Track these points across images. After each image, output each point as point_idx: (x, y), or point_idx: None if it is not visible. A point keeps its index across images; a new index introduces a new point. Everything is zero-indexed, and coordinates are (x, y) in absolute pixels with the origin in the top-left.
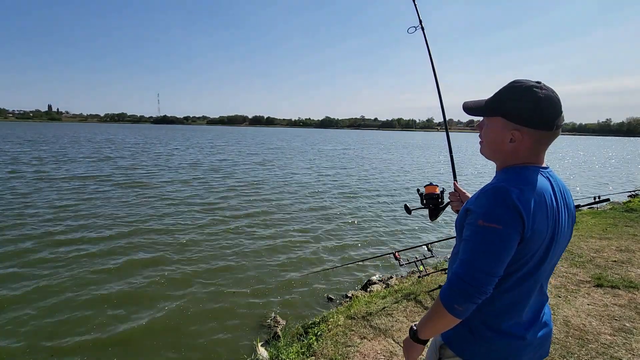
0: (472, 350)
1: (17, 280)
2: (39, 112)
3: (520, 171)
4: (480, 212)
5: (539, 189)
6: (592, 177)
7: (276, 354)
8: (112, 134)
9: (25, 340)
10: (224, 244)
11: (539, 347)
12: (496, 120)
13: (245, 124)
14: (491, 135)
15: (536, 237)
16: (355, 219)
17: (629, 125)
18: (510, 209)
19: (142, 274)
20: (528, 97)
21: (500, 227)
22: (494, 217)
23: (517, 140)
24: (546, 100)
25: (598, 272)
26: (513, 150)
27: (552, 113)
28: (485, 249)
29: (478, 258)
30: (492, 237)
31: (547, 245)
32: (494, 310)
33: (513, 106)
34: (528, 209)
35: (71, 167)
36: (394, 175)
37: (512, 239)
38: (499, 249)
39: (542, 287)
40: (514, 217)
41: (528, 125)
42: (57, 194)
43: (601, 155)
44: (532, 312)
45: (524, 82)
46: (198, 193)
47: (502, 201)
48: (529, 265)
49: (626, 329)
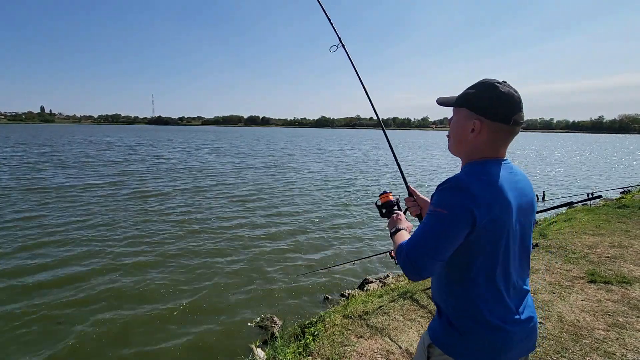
0: (458, 346)
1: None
2: (32, 113)
3: (480, 165)
4: (434, 199)
5: (496, 180)
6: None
7: (273, 354)
8: (116, 136)
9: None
10: (221, 245)
11: (525, 340)
12: (461, 111)
13: (240, 124)
14: (455, 126)
15: (494, 227)
16: (350, 219)
17: (621, 122)
18: (459, 196)
19: (139, 274)
20: (490, 91)
21: (445, 212)
22: (443, 203)
23: (477, 129)
24: (506, 96)
25: (591, 268)
26: (474, 141)
27: (510, 108)
28: (429, 230)
29: (421, 238)
30: (436, 221)
31: (509, 235)
32: (472, 304)
33: (477, 98)
34: (481, 198)
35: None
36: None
37: (457, 224)
38: (440, 232)
39: (520, 278)
40: (462, 205)
41: (487, 116)
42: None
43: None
44: (512, 304)
45: (490, 79)
46: (195, 197)
47: (454, 189)
48: (493, 255)
49: (619, 324)
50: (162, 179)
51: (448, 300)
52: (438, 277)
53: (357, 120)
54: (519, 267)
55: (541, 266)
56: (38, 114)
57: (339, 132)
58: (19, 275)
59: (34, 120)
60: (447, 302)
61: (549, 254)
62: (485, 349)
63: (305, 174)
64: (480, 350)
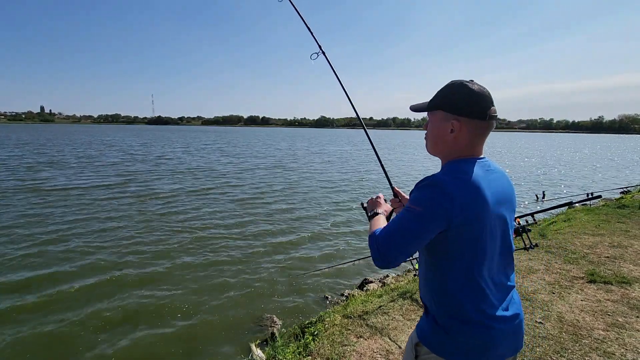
0: (445, 345)
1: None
2: (32, 113)
3: (459, 163)
4: (412, 196)
5: (474, 179)
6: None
7: (273, 354)
8: (117, 136)
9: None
10: (221, 245)
11: (511, 336)
12: (437, 114)
13: (240, 124)
14: (433, 129)
15: (472, 225)
16: (350, 218)
17: (621, 123)
18: (434, 195)
19: (140, 273)
20: (462, 90)
21: (419, 209)
22: (418, 201)
23: (457, 129)
24: (478, 93)
25: (591, 268)
26: (454, 141)
27: (484, 104)
28: (401, 225)
29: (393, 232)
30: (409, 217)
31: (488, 232)
32: (456, 303)
33: (450, 99)
34: (458, 197)
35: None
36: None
37: (430, 222)
38: (412, 228)
39: (503, 275)
40: (437, 203)
41: (464, 115)
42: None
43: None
44: (496, 301)
45: (459, 80)
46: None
47: (430, 188)
48: (473, 253)
49: (619, 324)
50: (163, 179)
51: (433, 299)
52: (424, 276)
53: (357, 120)
54: (500, 263)
55: (541, 266)
56: (38, 113)
57: (339, 132)
58: (27, 280)
59: (34, 120)
60: (432, 301)
61: (549, 254)
62: (471, 346)
63: (305, 174)
64: (467, 348)
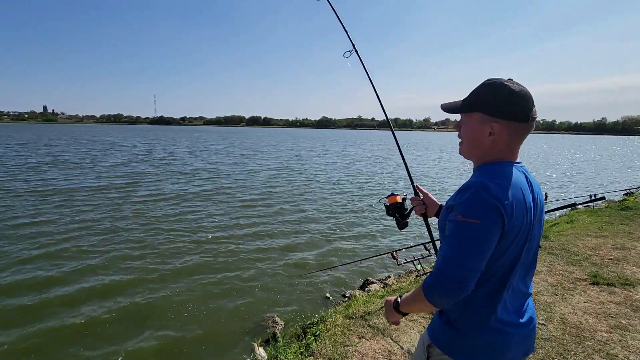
0: (458, 346)
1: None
2: (34, 113)
3: (497, 167)
4: (460, 208)
5: (515, 184)
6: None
7: (275, 354)
8: (120, 136)
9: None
10: (223, 245)
11: (524, 341)
12: (474, 116)
13: (242, 124)
14: (470, 131)
15: (514, 232)
16: (352, 219)
17: (624, 124)
18: (488, 204)
19: (144, 273)
20: (503, 91)
21: (478, 222)
22: (473, 213)
23: (496, 132)
24: (519, 93)
25: (594, 270)
26: (492, 144)
27: (525, 105)
28: (465, 244)
29: (458, 254)
30: (471, 233)
31: (524, 240)
32: (476, 306)
33: (490, 100)
34: (506, 204)
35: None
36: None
37: (492, 233)
38: (478, 244)
39: (524, 282)
40: (493, 212)
41: (505, 117)
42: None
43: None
44: (514, 307)
45: (497, 79)
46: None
47: (481, 196)
48: (507, 260)
49: (622, 326)
50: (169, 180)
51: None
52: None
53: (359, 120)
54: (526, 270)
55: (543, 268)
56: (41, 113)
57: (341, 132)
58: (35, 283)
59: (36, 120)
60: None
61: (552, 255)
62: (485, 349)
63: (309, 176)
64: (479, 350)
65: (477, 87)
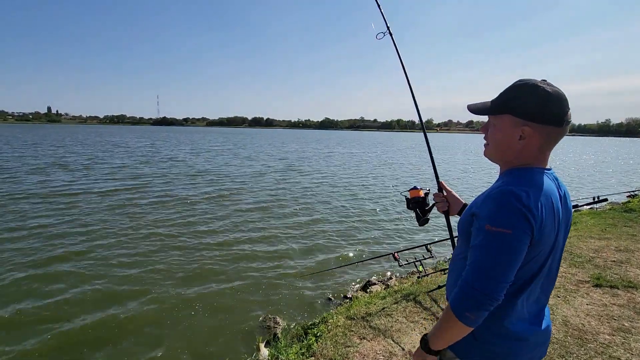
0: (472, 351)
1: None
2: (39, 113)
3: (526, 173)
4: (488, 217)
5: (546, 192)
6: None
7: (276, 354)
8: (125, 137)
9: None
10: (225, 246)
11: (538, 347)
12: (504, 119)
13: (244, 125)
14: (499, 134)
15: (542, 242)
16: (354, 221)
17: (629, 126)
18: (519, 212)
19: (145, 272)
20: (536, 93)
21: (510, 232)
22: (504, 222)
23: (528, 136)
24: (554, 96)
25: (597, 272)
26: (522, 149)
27: (560, 108)
28: (496, 255)
29: (488, 264)
30: (502, 243)
31: (551, 248)
32: (497, 313)
33: (521, 103)
34: (536, 213)
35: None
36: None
37: (523, 243)
38: (510, 254)
39: (543, 290)
40: (524, 221)
41: (537, 121)
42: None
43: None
44: (533, 314)
45: (530, 80)
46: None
47: (511, 205)
48: (530, 269)
49: (625, 328)
50: (174, 183)
51: None
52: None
53: (361, 122)
54: (548, 279)
55: None
56: (45, 114)
57: (344, 134)
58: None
59: (41, 121)
60: None
61: None
62: (499, 355)
63: (313, 177)
64: (494, 356)
65: (507, 88)
